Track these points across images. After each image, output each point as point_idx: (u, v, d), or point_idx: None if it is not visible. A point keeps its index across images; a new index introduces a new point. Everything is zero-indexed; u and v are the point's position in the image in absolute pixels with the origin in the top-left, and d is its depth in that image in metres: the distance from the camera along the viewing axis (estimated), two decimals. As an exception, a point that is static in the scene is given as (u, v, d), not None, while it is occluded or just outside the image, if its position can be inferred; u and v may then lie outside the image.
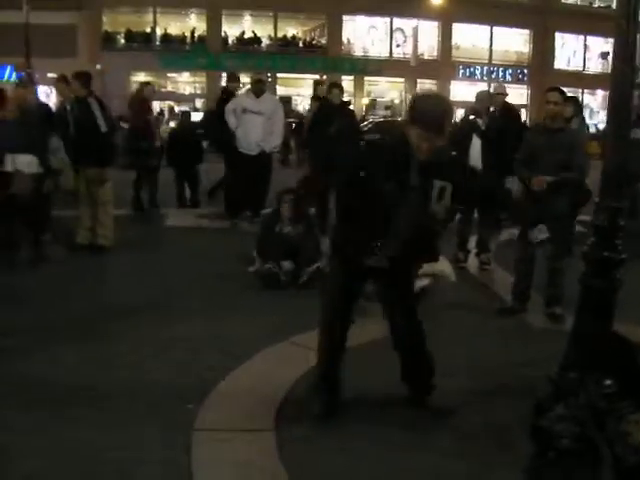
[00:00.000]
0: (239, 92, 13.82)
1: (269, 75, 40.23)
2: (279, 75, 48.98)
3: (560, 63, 56.21)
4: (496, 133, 9.93)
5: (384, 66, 50.89)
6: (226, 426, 5.13)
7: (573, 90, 42.00)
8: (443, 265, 7.83)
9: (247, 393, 5.64)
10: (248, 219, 12.60)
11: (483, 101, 10.47)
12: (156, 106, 15.55)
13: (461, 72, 54.17)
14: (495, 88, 12.09)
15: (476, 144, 9.88)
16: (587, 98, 52.63)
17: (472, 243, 10.49)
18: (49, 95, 26.76)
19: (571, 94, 13.84)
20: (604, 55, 52.65)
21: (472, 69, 54.59)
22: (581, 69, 56.55)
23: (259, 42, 51.86)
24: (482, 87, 39.03)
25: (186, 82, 52.91)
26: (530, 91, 54.25)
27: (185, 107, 39.11)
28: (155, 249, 11.01)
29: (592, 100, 53.85)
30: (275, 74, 47.15)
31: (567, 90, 8.75)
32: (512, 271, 8.37)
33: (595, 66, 55.01)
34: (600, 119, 45.08)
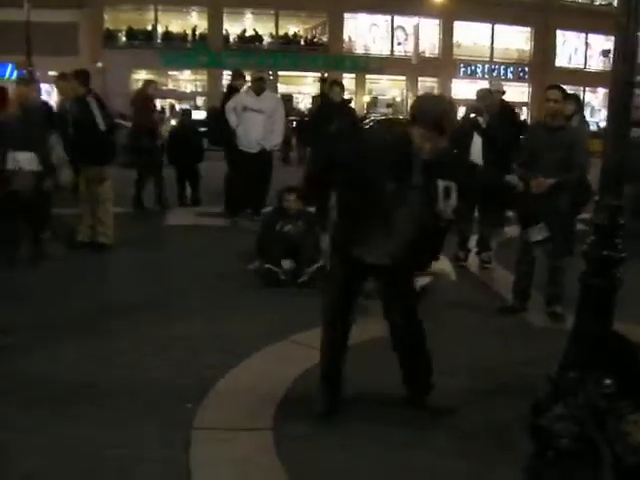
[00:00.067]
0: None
1: (271, 73, 40.25)
2: (280, 73, 48.97)
3: (561, 61, 56.22)
4: (497, 131, 9.93)
5: (385, 64, 50.93)
6: (225, 424, 5.12)
7: (574, 88, 41.89)
8: (443, 264, 7.81)
9: (247, 391, 5.64)
10: (249, 217, 12.60)
11: (484, 99, 10.45)
12: (157, 104, 15.52)
13: (462, 70, 54.20)
14: (493, 85, 12.04)
15: (477, 142, 9.87)
16: (588, 96, 52.65)
17: (472, 242, 10.47)
18: (50, 93, 26.71)
19: (572, 92, 13.82)
20: (605, 53, 52.69)
21: (473, 67, 54.63)
22: (582, 67, 56.55)
23: (260, 40, 51.90)
24: (483, 85, 39.02)
25: (187, 80, 52.97)
26: (531, 89, 54.27)
27: (186, 105, 39.16)
28: (155, 247, 11.00)
29: (593, 98, 53.89)
30: (276, 72, 47.11)
31: (568, 88, 8.75)
32: (513, 270, 8.37)
33: (596, 64, 55.03)
34: (601, 117, 45.08)
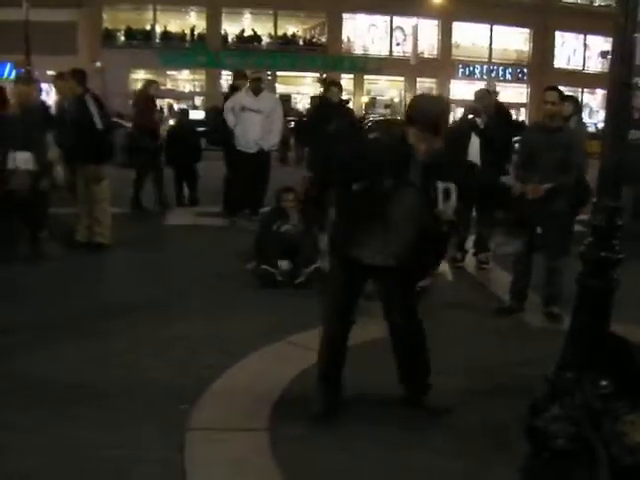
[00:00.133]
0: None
1: (269, 73, 40.26)
2: (279, 73, 49.02)
3: (560, 62, 56.30)
4: (494, 131, 9.94)
5: (384, 64, 50.99)
6: (221, 425, 5.13)
7: (573, 89, 42.10)
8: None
9: (243, 392, 5.64)
10: (247, 217, 12.60)
11: (482, 100, 10.45)
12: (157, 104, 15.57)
13: (461, 71, 54.27)
14: (491, 86, 12.03)
15: (475, 142, 9.87)
16: (587, 97, 52.73)
17: (469, 243, 10.48)
18: (48, 93, 26.72)
19: (571, 93, 13.87)
20: (604, 54, 52.68)
21: (472, 68, 54.69)
22: (581, 68, 56.65)
23: (259, 40, 51.93)
24: (482, 86, 39.18)
25: (186, 80, 53.00)
26: (530, 90, 54.30)
27: (183, 105, 39.17)
28: (154, 247, 11.00)
29: (592, 99, 53.94)
30: (275, 72, 47.16)
31: (567, 89, 8.77)
32: (510, 270, 8.38)
33: (595, 65, 55.11)
34: (599, 118, 45.10)
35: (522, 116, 52.83)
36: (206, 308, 7.86)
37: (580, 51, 57.32)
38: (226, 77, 50.68)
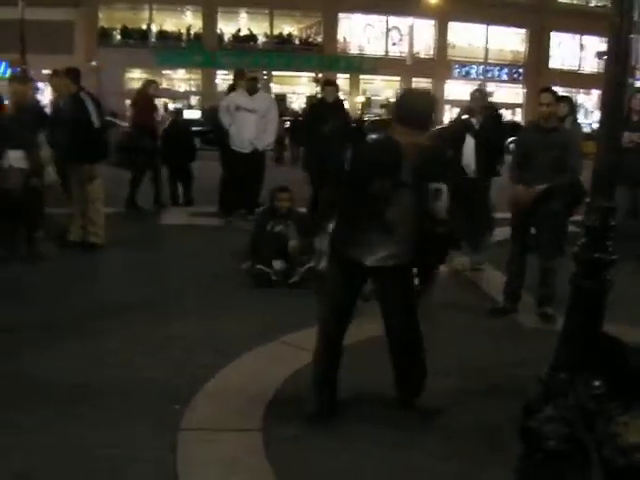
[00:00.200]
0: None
1: (265, 73, 40.28)
2: (275, 73, 49.02)
3: (556, 62, 56.37)
4: (490, 132, 9.94)
5: (380, 64, 51.02)
6: (214, 425, 5.13)
7: (568, 89, 42.17)
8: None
9: (237, 392, 5.64)
10: (242, 217, 12.60)
11: (478, 100, 10.45)
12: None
13: (456, 71, 54.33)
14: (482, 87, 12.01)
15: (469, 143, 9.87)
16: (582, 98, 52.80)
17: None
18: (43, 91, 26.71)
19: (566, 94, 13.88)
20: (600, 55, 52.61)
21: (468, 68, 54.73)
22: (577, 69, 56.70)
23: (255, 40, 51.96)
24: (477, 86, 39.02)
25: (181, 79, 52.98)
26: (526, 90, 54.35)
27: (178, 105, 39.16)
28: (149, 247, 10.98)
29: (587, 100, 54.01)
30: (271, 72, 47.17)
31: (562, 90, 8.79)
32: (504, 271, 8.38)
33: (591, 66, 55.09)
34: (595, 119, 45.16)
35: (518, 116, 52.95)
36: (201, 308, 7.85)
37: (576, 51, 57.38)
38: (222, 77, 50.78)
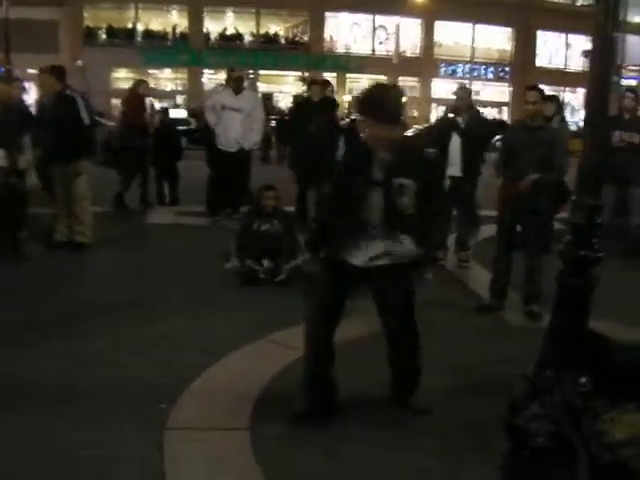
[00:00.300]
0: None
1: (252, 72, 40.24)
2: (261, 72, 49.02)
3: (542, 61, 56.56)
4: (476, 131, 9.97)
5: (366, 63, 51.03)
6: (200, 424, 5.11)
7: (555, 88, 42.22)
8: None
9: (223, 390, 5.63)
10: (228, 216, 12.58)
11: (464, 99, 10.47)
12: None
13: (443, 70, 54.44)
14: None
15: (455, 142, 9.89)
16: (568, 96, 52.92)
17: (450, 241, 10.50)
18: (29, 91, 26.60)
19: (553, 92, 13.92)
20: (586, 53, 52.84)
21: (454, 67, 54.83)
22: (563, 67, 56.84)
23: (241, 39, 51.95)
24: (464, 85, 39.04)
25: (167, 79, 52.89)
26: (512, 89, 54.47)
27: (164, 104, 39.04)
28: (135, 247, 10.93)
29: (573, 98, 54.12)
30: (257, 71, 47.17)
31: (548, 88, 8.81)
32: (490, 268, 8.40)
33: (577, 64, 55.26)
34: (581, 117, 45.30)
35: (504, 115, 53.08)
36: (187, 307, 7.83)
37: (562, 50, 57.57)
38: (208, 76, 50.75)
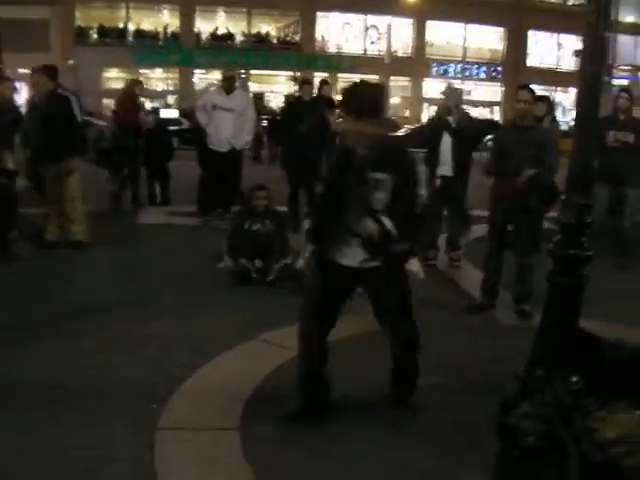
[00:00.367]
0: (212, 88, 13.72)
1: (243, 72, 40.23)
2: (253, 72, 48.98)
3: (533, 61, 56.62)
4: (467, 131, 10.00)
5: (358, 63, 50.93)
6: (192, 424, 5.11)
7: (546, 88, 42.31)
8: (412, 263, 7.81)
9: (215, 390, 5.62)
10: (219, 216, 12.56)
11: (455, 98, 10.49)
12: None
13: (434, 69, 54.44)
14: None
15: (446, 142, 9.90)
16: (560, 96, 52.96)
17: (441, 240, 10.51)
18: (20, 91, 26.49)
19: (544, 92, 13.96)
20: (577, 53, 52.89)
21: (446, 67, 54.85)
22: (554, 67, 56.91)
23: (233, 39, 51.87)
24: (456, 84, 39.11)
25: (159, 78, 52.78)
26: (504, 88, 54.53)
27: (156, 104, 39.05)
28: (127, 247, 10.90)
29: (565, 98, 54.15)
30: (249, 71, 47.13)
31: (540, 88, 8.83)
32: (481, 268, 8.41)
33: (568, 64, 55.31)
34: (573, 117, 45.34)
35: (496, 115, 53.13)
36: (179, 307, 7.82)
37: (554, 50, 57.63)
38: (199, 76, 50.70)
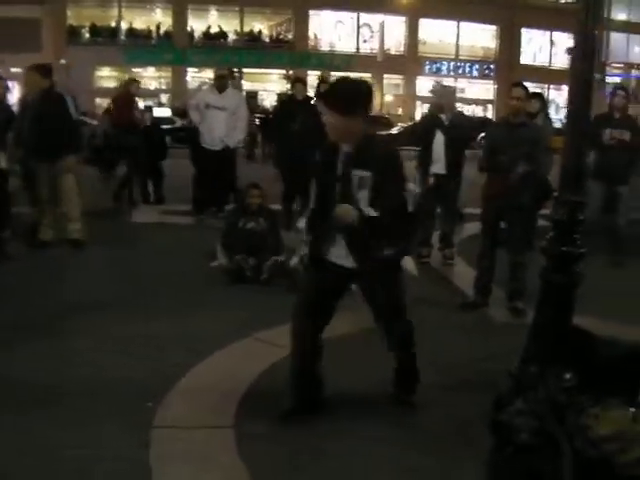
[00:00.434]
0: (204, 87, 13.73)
1: (236, 70, 40.15)
2: (245, 70, 48.91)
3: (526, 58, 56.73)
4: (459, 129, 10.03)
5: (351, 61, 50.96)
6: (187, 422, 5.11)
7: (539, 85, 42.37)
8: (405, 260, 7.83)
9: (209, 389, 5.63)
10: (213, 214, 12.56)
11: (445, 97, 10.51)
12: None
13: (427, 67, 54.49)
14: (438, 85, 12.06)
15: (439, 140, 9.91)
16: (553, 93, 53.12)
17: (434, 238, 10.53)
18: (12, 90, 26.42)
19: (537, 89, 13.98)
20: (570, 51, 52.86)
21: (439, 64, 54.90)
22: (547, 64, 57.01)
23: (225, 37, 51.87)
24: (448, 82, 39.19)
25: (151, 77, 52.69)
26: (497, 86, 54.61)
27: (149, 103, 39.00)
28: (121, 245, 10.87)
29: (558, 95, 54.25)
30: (241, 69, 47.07)
31: (533, 85, 8.86)
32: (474, 265, 8.42)
33: (561, 62, 55.33)
34: (565, 114, 45.42)
35: (489, 112, 53.25)
36: (173, 306, 7.81)
37: (546, 48, 57.74)
38: (192, 74, 50.65)
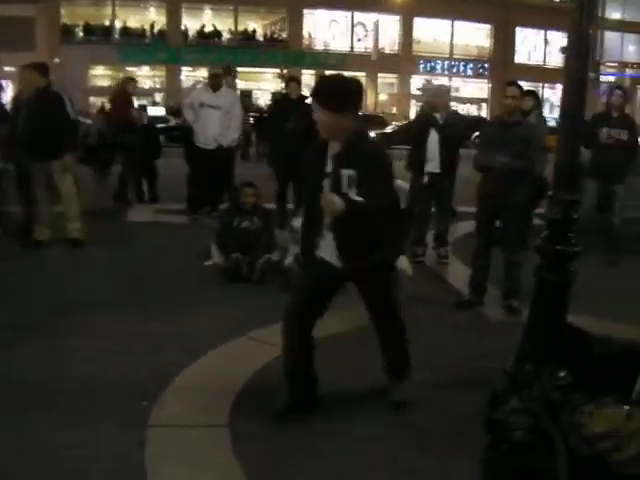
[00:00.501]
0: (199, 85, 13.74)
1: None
2: (240, 69, 48.75)
3: (521, 57, 56.84)
4: (453, 128, 10.04)
5: (345, 60, 50.98)
6: (182, 421, 5.11)
7: (533, 84, 42.41)
8: (400, 259, 7.83)
9: (204, 388, 5.62)
10: (207, 214, 12.56)
11: (439, 96, 10.52)
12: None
13: (422, 66, 54.54)
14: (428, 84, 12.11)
15: (433, 138, 9.92)
16: (547, 92, 53.21)
17: (429, 237, 10.53)
18: (6, 88, 26.37)
19: (531, 88, 13.99)
20: (563, 50, 53.05)
21: (433, 63, 54.95)
22: (541, 63, 57.12)
23: (219, 36, 51.84)
24: (442, 81, 39.29)
25: (145, 76, 52.62)
26: (491, 85, 54.69)
27: (143, 101, 38.94)
28: (115, 244, 10.85)
29: (552, 94, 54.34)
30: (235, 68, 46.96)
31: (527, 84, 8.87)
32: (469, 264, 8.42)
33: (555, 60, 55.49)
34: (560, 113, 45.47)
35: (484, 111, 53.32)
36: (168, 305, 7.80)
37: (541, 47, 57.86)
38: (186, 73, 50.61)
